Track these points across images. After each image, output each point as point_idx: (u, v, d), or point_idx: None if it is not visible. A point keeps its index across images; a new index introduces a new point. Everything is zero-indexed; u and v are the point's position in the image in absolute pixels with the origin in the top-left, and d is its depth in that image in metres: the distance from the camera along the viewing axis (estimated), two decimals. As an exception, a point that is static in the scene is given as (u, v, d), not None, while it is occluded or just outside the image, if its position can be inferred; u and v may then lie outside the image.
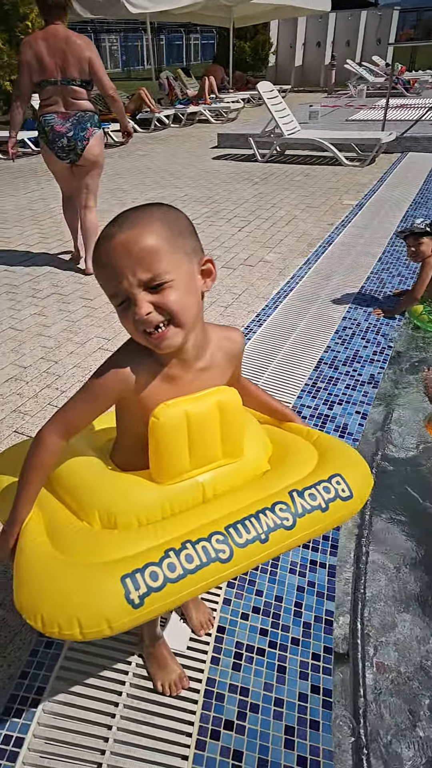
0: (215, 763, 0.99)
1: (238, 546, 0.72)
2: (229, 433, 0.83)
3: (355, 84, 12.47)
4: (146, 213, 0.75)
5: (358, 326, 2.50)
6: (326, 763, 0.99)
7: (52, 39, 2.68)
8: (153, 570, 0.67)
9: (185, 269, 0.75)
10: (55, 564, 0.72)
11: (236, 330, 0.93)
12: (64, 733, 1.02)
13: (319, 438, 0.98)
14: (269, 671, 1.13)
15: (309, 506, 0.79)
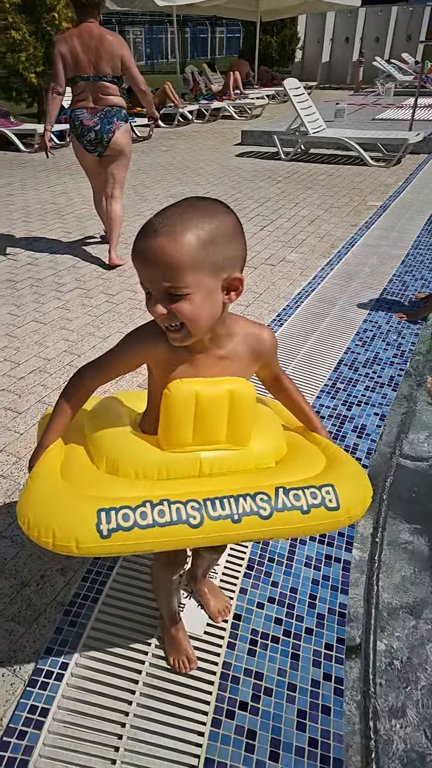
0: (230, 740, 1.04)
1: (209, 517, 0.78)
2: (235, 421, 0.86)
3: (382, 82, 12.30)
4: (186, 219, 0.74)
5: (379, 328, 2.52)
6: (336, 746, 1.03)
7: (87, 36, 2.79)
8: (126, 512, 0.76)
9: (206, 285, 0.76)
10: (55, 486, 0.83)
11: (266, 330, 0.93)
12: (87, 706, 1.08)
13: (334, 451, 0.97)
14: (283, 658, 1.18)
15: (290, 504, 0.81)
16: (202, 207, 0.76)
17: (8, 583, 1.33)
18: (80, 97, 2.93)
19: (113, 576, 1.33)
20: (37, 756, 1.01)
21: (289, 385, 1.03)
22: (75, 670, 1.14)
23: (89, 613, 1.24)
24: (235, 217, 0.80)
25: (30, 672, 1.14)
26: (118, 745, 1.03)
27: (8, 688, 1.11)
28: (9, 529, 1.48)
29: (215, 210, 0.77)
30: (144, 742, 1.03)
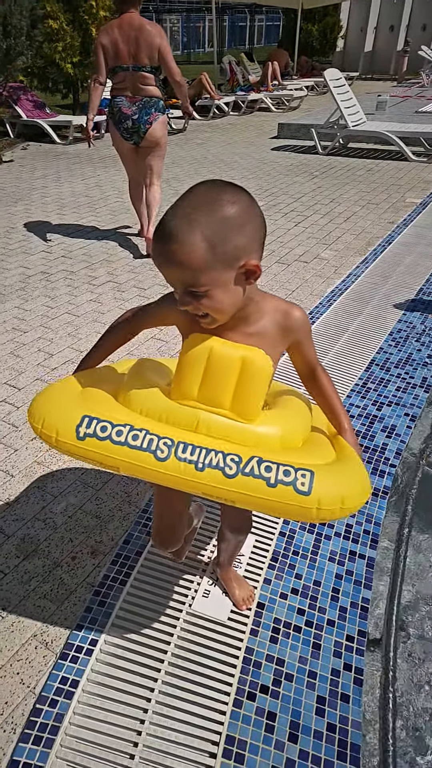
0: (250, 720, 1.09)
1: (177, 457, 0.81)
2: (242, 389, 0.85)
3: (428, 72, 11.88)
4: (192, 220, 0.74)
5: (413, 329, 2.50)
6: (354, 732, 1.07)
7: (127, 27, 2.86)
8: (105, 425, 0.84)
9: (223, 279, 0.78)
10: (66, 391, 0.94)
11: (296, 308, 0.92)
12: (115, 680, 1.15)
13: (347, 454, 0.94)
14: (304, 647, 1.22)
15: (257, 472, 0.80)
16: (208, 202, 0.76)
17: (41, 563, 1.40)
18: (120, 86, 3.03)
19: (141, 561, 1.39)
20: (68, 723, 1.07)
21: (325, 381, 1.01)
22: (104, 647, 1.21)
23: (118, 594, 1.31)
24: (244, 202, 0.77)
25: (61, 646, 1.21)
26: (143, 718, 1.08)
27: (41, 660, 1.19)
28: (42, 512, 1.55)
29: (221, 202, 0.76)
30: (168, 717, 1.09)
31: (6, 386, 2.12)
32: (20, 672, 1.17)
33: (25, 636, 1.23)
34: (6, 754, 1.03)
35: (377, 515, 1.55)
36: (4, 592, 1.33)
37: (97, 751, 1.03)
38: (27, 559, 1.41)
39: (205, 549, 1.43)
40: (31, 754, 1.02)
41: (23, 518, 1.53)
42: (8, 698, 1.12)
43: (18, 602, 1.30)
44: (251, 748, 1.05)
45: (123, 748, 1.04)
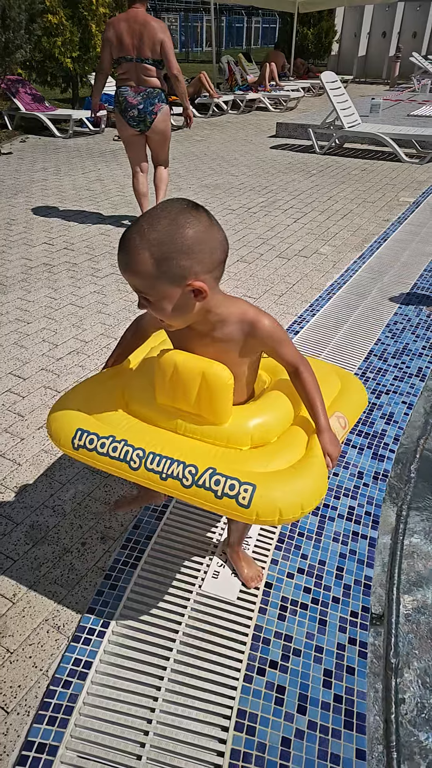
0: (261, 694, 1.12)
1: (145, 468, 0.96)
2: (206, 397, 0.96)
3: (419, 78, 12.06)
4: (145, 239, 0.82)
5: (408, 321, 2.55)
6: (360, 702, 1.10)
7: (132, 21, 3.06)
8: (92, 438, 1.00)
9: (169, 293, 0.85)
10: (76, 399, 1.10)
11: (263, 318, 0.95)
12: (128, 660, 1.16)
13: (310, 460, 0.98)
14: (311, 623, 1.25)
15: (207, 485, 0.91)
16: (163, 223, 0.82)
17: (51, 549, 1.41)
18: (125, 76, 3.22)
19: (151, 545, 1.41)
20: (82, 704, 1.09)
21: (307, 380, 1.02)
22: (116, 629, 1.22)
23: (128, 577, 1.33)
24: (198, 227, 0.83)
25: (73, 629, 1.22)
26: (157, 695, 1.10)
27: (53, 643, 1.20)
28: (51, 499, 1.57)
29: (175, 224, 0.82)
30: (181, 694, 1.11)
31: (11, 376, 2.13)
32: (32, 656, 1.18)
33: (37, 621, 1.25)
34: (20, 736, 1.04)
35: (377, 497, 1.59)
36: (14, 578, 1.34)
37: (112, 729, 1.05)
38: (36, 546, 1.43)
39: (213, 532, 1.46)
40: (46, 734, 1.03)
41: (32, 506, 1.55)
42: (21, 681, 1.13)
43: (29, 588, 1.32)
44: (262, 720, 1.07)
45: (137, 725, 1.06)
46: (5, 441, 1.79)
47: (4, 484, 1.62)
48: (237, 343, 0.97)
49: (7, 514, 1.52)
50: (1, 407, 1.95)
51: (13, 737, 1.04)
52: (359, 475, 1.68)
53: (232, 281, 3.00)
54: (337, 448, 1.03)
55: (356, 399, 1.22)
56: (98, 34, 7.63)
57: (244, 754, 1.02)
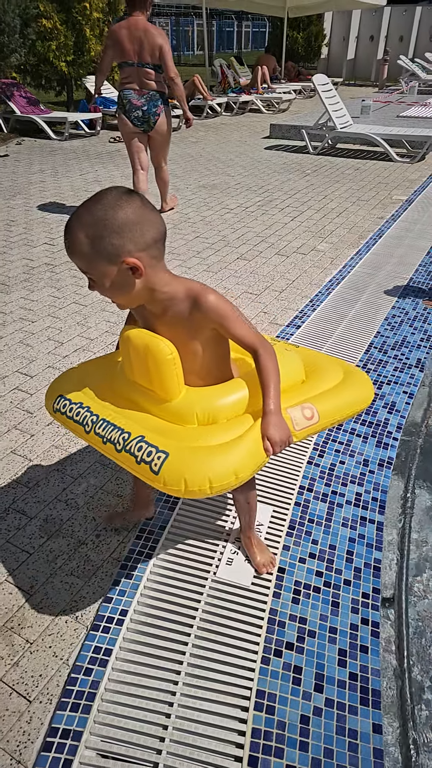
0: (278, 674, 1.14)
1: (94, 432, 1.04)
2: (155, 371, 1.02)
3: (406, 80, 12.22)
4: (81, 221, 0.89)
5: (406, 314, 2.59)
6: (374, 679, 1.13)
7: (133, 28, 3.24)
8: (65, 403, 1.11)
9: (107, 271, 0.92)
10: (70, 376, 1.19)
11: (207, 294, 0.98)
12: (147, 647, 1.18)
13: (243, 437, 0.98)
14: (324, 605, 1.28)
15: (132, 450, 0.97)
16: (96, 207, 0.90)
17: (66, 542, 1.43)
18: (127, 80, 3.42)
19: (165, 535, 1.43)
20: (103, 690, 1.10)
21: (264, 363, 1.01)
22: (134, 616, 1.24)
23: (144, 567, 1.35)
24: (129, 209, 0.90)
25: (91, 618, 1.24)
26: (177, 679, 1.12)
27: (72, 633, 1.21)
28: (63, 493, 1.58)
29: (106, 207, 0.89)
30: (200, 677, 1.13)
31: (18, 374, 2.15)
32: (52, 645, 1.19)
33: (55, 611, 1.26)
34: (44, 723, 1.05)
35: (383, 483, 1.63)
36: (31, 570, 1.35)
37: (134, 713, 1.07)
38: (51, 539, 1.44)
39: (225, 520, 1.49)
40: (70, 721, 1.05)
41: (45, 500, 1.56)
42: (42, 671, 1.14)
43: (45, 580, 1.33)
44: (280, 699, 1.10)
45: (159, 708, 1.07)
46: (15, 437, 1.80)
47: (16, 479, 1.64)
48: (187, 321, 1.00)
49: (21, 508, 1.53)
50: (10, 405, 1.97)
51: (37, 725, 1.05)
52: (365, 462, 1.71)
53: (233, 278, 3.03)
54: (281, 432, 0.98)
55: (356, 393, 1.17)
56: (92, 38, 7.68)
57: (264, 732, 1.04)
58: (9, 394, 2.03)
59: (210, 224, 3.94)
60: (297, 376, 1.17)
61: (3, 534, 1.45)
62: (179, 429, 1.02)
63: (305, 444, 1.78)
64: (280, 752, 1.01)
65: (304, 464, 1.70)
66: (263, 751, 1.01)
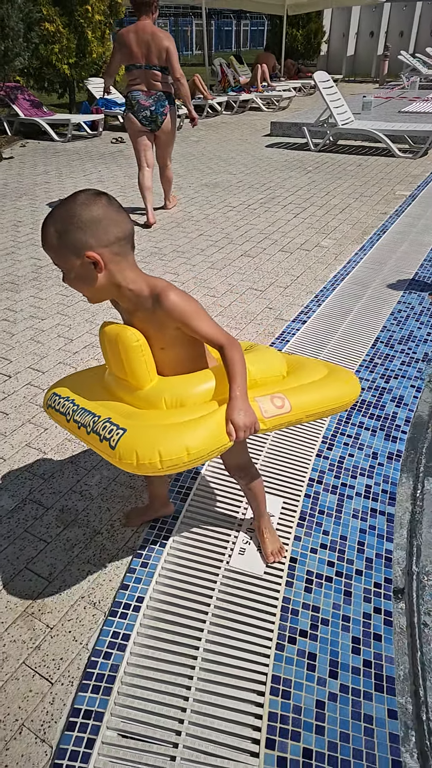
0: (293, 660, 1.16)
1: (73, 420, 1.10)
2: (126, 360, 1.06)
3: (407, 76, 12.20)
4: (53, 217, 0.97)
5: (412, 309, 2.61)
6: (388, 666, 1.15)
7: (141, 32, 3.35)
8: (56, 398, 1.17)
9: (73, 264, 0.98)
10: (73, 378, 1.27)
11: (170, 293, 1.01)
12: (163, 632, 1.21)
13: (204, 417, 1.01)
14: (336, 594, 1.29)
15: (98, 430, 1.02)
16: (66, 204, 0.97)
17: (81, 532, 1.46)
18: (135, 82, 3.52)
19: (178, 524, 1.46)
20: (123, 673, 1.13)
21: (231, 358, 1.03)
22: (150, 603, 1.27)
23: (158, 555, 1.37)
24: (94, 207, 0.96)
25: (109, 605, 1.27)
26: (194, 664, 1.14)
27: (90, 618, 1.24)
28: (78, 485, 1.61)
29: (74, 205, 0.97)
30: (216, 662, 1.15)
31: (30, 370, 2.17)
32: (72, 630, 1.22)
33: (74, 598, 1.29)
34: (66, 704, 1.08)
35: (393, 476, 1.64)
36: (49, 559, 1.38)
37: (154, 696, 1.09)
38: (68, 529, 1.47)
39: (236, 510, 1.51)
40: (91, 702, 1.08)
41: (60, 491, 1.59)
42: (63, 654, 1.17)
43: (63, 568, 1.36)
44: (296, 685, 1.12)
45: (178, 691, 1.10)
46: (30, 431, 1.83)
47: (31, 471, 1.66)
48: (154, 318, 1.05)
49: (37, 499, 1.56)
50: (24, 399, 1.99)
51: (60, 705, 1.08)
52: (374, 455, 1.73)
53: (237, 275, 3.05)
54: (246, 418, 0.99)
55: (338, 388, 1.17)
56: (94, 40, 7.72)
57: (281, 716, 1.06)
58: (22, 389, 2.05)
59: (213, 222, 3.96)
60: (278, 370, 1.19)
61: (21, 523, 1.48)
62: (145, 412, 1.06)
63: (314, 437, 1.80)
64: (296, 735, 1.03)
65: (313, 457, 1.72)
66: (280, 734, 1.03)
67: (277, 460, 1.70)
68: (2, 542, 1.43)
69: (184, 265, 3.20)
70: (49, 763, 0.99)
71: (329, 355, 2.24)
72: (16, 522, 1.49)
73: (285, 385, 1.14)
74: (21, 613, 1.25)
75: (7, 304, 2.75)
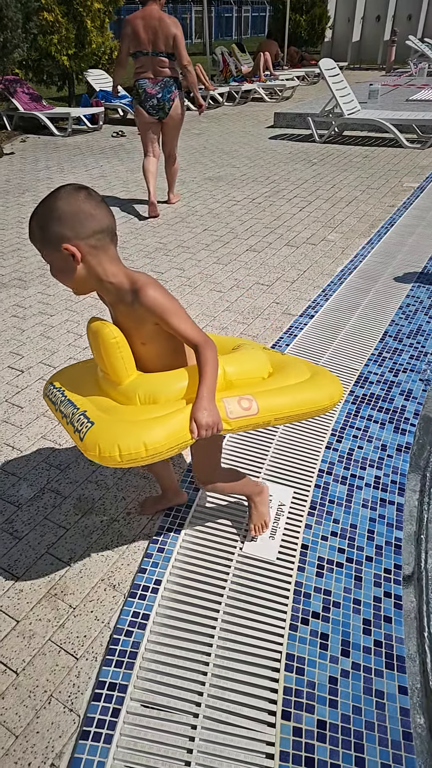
0: (306, 640, 1.22)
1: (59, 410, 1.17)
2: (104, 355, 1.10)
3: (415, 62, 12.00)
4: (37, 211, 1.01)
5: (420, 303, 2.64)
6: (398, 646, 1.21)
7: (148, 18, 3.35)
8: (52, 389, 1.24)
9: (54, 256, 1.03)
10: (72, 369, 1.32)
11: (147, 289, 1.04)
12: (181, 613, 1.27)
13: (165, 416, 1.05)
14: (347, 579, 1.35)
15: (73, 422, 1.09)
16: (48, 200, 1.01)
17: (98, 519, 1.52)
18: (142, 69, 3.54)
19: (192, 512, 1.52)
20: (144, 650, 1.19)
21: (204, 359, 1.06)
22: (167, 585, 1.33)
23: (174, 541, 1.43)
24: (71, 202, 0.99)
25: (128, 587, 1.33)
26: (211, 642, 1.21)
27: (111, 600, 1.31)
28: (93, 475, 1.67)
29: (53, 200, 1.00)
30: (232, 641, 1.21)
31: (42, 365, 2.22)
32: (93, 610, 1.28)
33: (94, 580, 1.35)
34: (91, 678, 1.15)
35: (402, 467, 1.69)
36: (69, 544, 1.45)
37: (174, 671, 1.16)
38: (85, 516, 1.53)
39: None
40: (115, 675, 1.14)
41: (77, 481, 1.65)
42: (86, 632, 1.24)
43: (82, 553, 1.42)
44: (309, 662, 1.18)
45: (196, 667, 1.16)
46: (44, 424, 1.89)
47: (48, 462, 1.72)
48: (133, 313, 1.07)
49: (55, 488, 1.62)
50: (37, 394, 2.05)
51: (85, 679, 1.15)
52: (383, 447, 1.78)
53: (243, 270, 3.08)
54: (209, 418, 1.03)
55: (315, 392, 1.18)
56: (93, 30, 7.64)
57: (295, 690, 1.12)
58: (35, 383, 2.11)
59: (218, 216, 3.98)
60: (258, 372, 1.21)
61: (41, 511, 1.54)
62: (120, 408, 1.11)
63: (323, 430, 1.85)
64: (311, 708, 1.09)
65: (323, 449, 1.77)
66: (295, 707, 1.09)
67: (287, 451, 1.75)
68: (24, 528, 1.49)
69: (189, 261, 3.23)
70: (77, 731, 1.06)
71: (337, 349, 2.28)
72: (35, 510, 1.55)
73: (261, 388, 1.16)
74: (45, 594, 1.32)
75: (16, 300, 2.80)
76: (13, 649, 1.20)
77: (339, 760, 1.02)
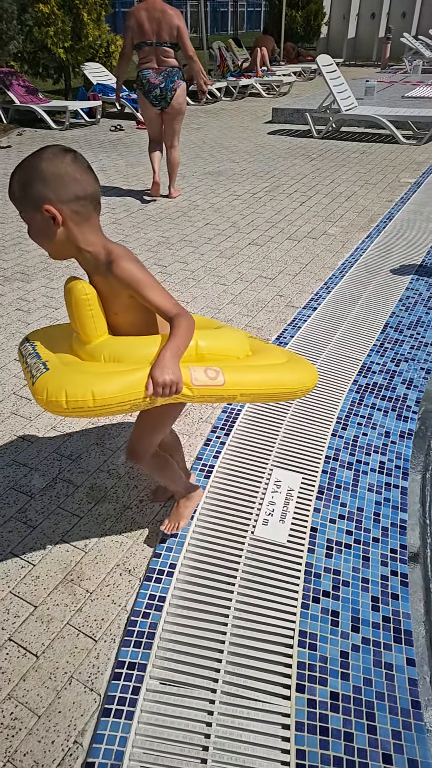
0: (317, 617, 1.26)
1: (25, 362, 1.15)
2: (75, 312, 1.08)
3: (410, 59, 12.05)
4: (19, 169, 1.00)
5: (420, 295, 2.68)
6: (406, 621, 1.25)
7: (152, 9, 3.41)
8: (26, 344, 1.20)
9: (33, 216, 1.01)
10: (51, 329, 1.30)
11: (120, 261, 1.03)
12: (196, 594, 1.30)
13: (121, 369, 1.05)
14: (356, 559, 1.40)
15: (32, 370, 1.08)
16: (31, 158, 1.00)
17: (112, 507, 1.55)
18: (145, 60, 3.59)
19: (203, 499, 1.55)
20: (161, 630, 1.23)
21: (178, 325, 1.04)
22: (182, 569, 1.36)
23: (187, 526, 1.46)
24: (57, 163, 0.98)
25: (143, 571, 1.36)
26: (226, 621, 1.24)
27: (127, 584, 1.34)
28: (105, 464, 1.70)
29: (38, 159, 0.99)
30: (247, 620, 1.25)
31: (51, 356, 2.25)
32: (110, 594, 1.32)
33: (109, 566, 1.38)
34: (110, 658, 1.18)
35: (405, 453, 1.74)
36: (83, 532, 1.47)
37: (191, 650, 1.19)
38: (98, 504, 1.56)
39: (257, 486, 1.60)
40: (134, 655, 1.18)
41: (89, 470, 1.68)
42: (104, 615, 1.27)
43: (97, 539, 1.45)
44: (321, 638, 1.22)
45: (213, 645, 1.20)
46: (53, 416, 1.91)
47: (59, 452, 1.75)
48: (108, 283, 1.06)
49: (67, 478, 1.65)
50: (47, 385, 2.07)
51: (104, 659, 1.18)
52: (386, 434, 1.82)
53: (246, 263, 3.11)
54: (168, 376, 1.00)
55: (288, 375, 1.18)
56: (90, 22, 7.60)
57: (308, 665, 1.17)
58: (44, 376, 2.13)
59: (219, 211, 4.01)
60: (233, 351, 1.19)
61: (54, 500, 1.57)
62: (82, 362, 1.10)
63: (329, 418, 1.89)
64: (324, 681, 1.14)
65: (329, 436, 1.81)
66: (309, 680, 1.14)
67: (294, 439, 1.79)
68: (38, 517, 1.52)
69: (192, 254, 3.26)
70: (99, 709, 1.10)
71: (339, 340, 2.33)
72: (48, 499, 1.58)
73: (231, 364, 1.14)
74: (61, 580, 1.35)
75: (20, 294, 2.81)
76: (32, 633, 1.23)
77: (352, 729, 1.06)
